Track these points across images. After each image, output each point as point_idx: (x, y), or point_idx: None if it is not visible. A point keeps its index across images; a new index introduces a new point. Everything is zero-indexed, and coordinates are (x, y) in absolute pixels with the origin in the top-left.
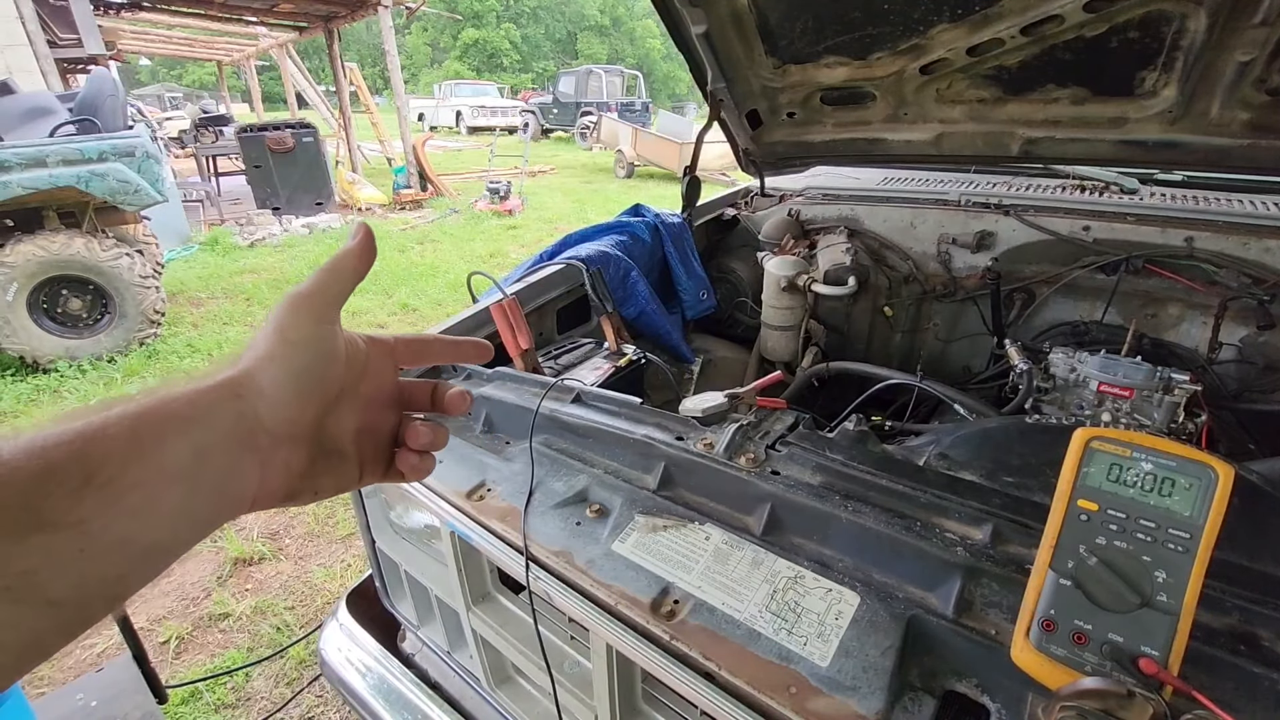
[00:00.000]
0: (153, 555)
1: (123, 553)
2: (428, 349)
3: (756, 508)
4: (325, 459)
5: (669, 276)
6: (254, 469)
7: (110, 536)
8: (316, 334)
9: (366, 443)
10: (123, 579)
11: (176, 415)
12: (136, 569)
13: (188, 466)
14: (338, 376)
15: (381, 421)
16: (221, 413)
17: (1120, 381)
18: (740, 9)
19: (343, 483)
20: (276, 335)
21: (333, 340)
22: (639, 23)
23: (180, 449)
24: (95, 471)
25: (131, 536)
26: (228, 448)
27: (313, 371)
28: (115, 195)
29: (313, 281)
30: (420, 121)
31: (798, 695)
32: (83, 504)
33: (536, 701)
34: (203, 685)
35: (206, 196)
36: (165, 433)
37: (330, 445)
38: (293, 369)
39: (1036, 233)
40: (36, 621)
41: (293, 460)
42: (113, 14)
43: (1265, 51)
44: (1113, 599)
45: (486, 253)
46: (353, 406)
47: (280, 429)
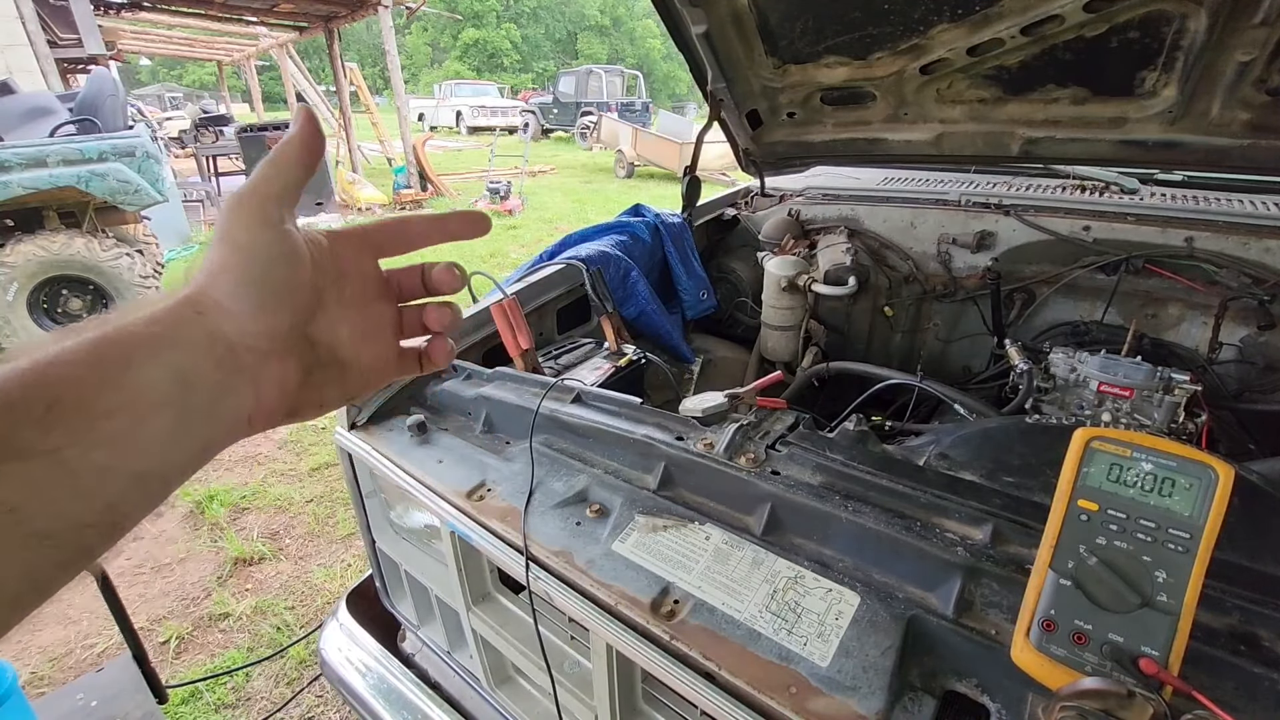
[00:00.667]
0: (146, 482)
1: (109, 480)
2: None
3: (756, 508)
4: (323, 369)
5: (669, 276)
6: (246, 387)
7: (89, 464)
8: (267, 237)
9: (368, 344)
10: (113, 507)
11: (139, 336)
12: (128, 496)
13: (169, 392)
14: (305, 280)
15: (378, 318)
16: (189, 332)
17: (1120, 381)
18: (740, 9)
19: (349, 389)
20: (223, 243)
21: (287, 240)
22: (639, 23)
23: (154, 373)
24: (57, 399)
25: (114, 464)
26: (209, 369)
27: (272, 277)
28: (115, 195)
29: (254, 179)
30: (420, 121)
31: (798, 695)
32: (51, 432)
33: (536, 701)
34: (203, 685)
35: (207, 196)
36: (131, 357)
37: (325, 355)
38: (248, 275)
39: (1036, 233)
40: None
41: (286, 374)
42: (113, 14)
43: (1265, 51)
44: (1113, 599)
45: (486, 253)
46: (340, 310)
47: (258, 343)
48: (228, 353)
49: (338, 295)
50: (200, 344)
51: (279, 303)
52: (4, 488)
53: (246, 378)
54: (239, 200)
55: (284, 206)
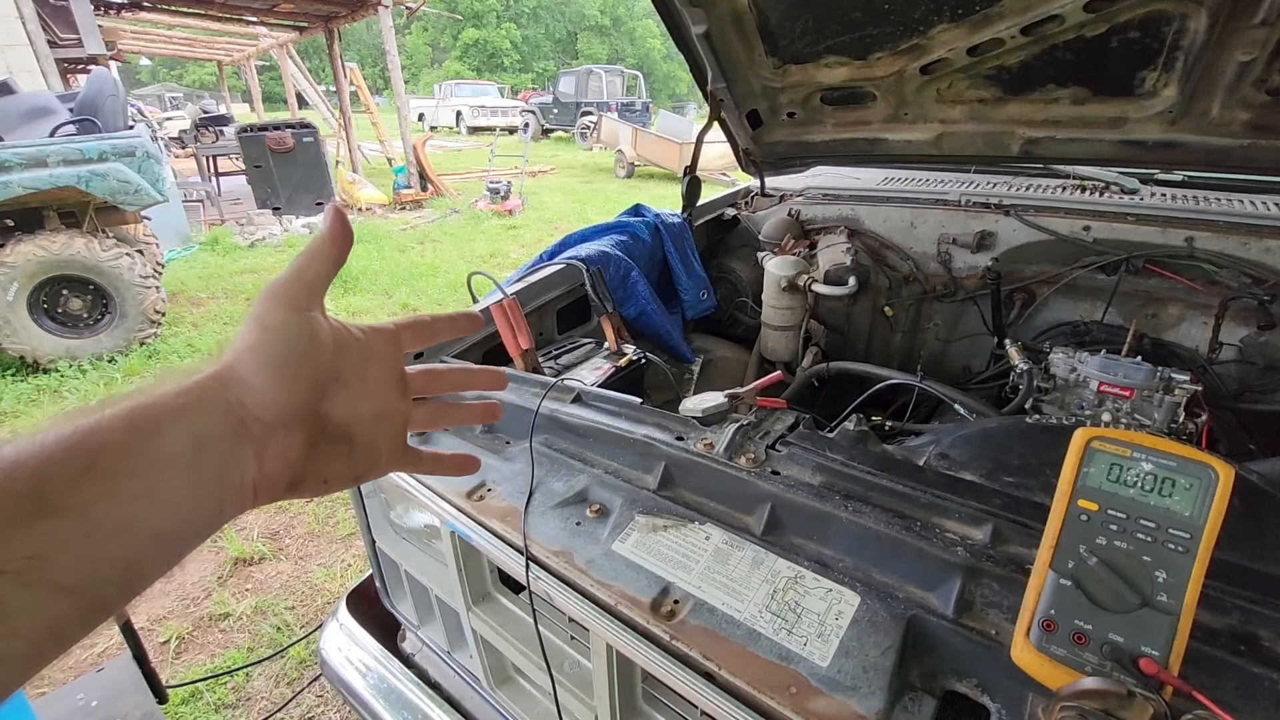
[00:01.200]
0: (162, 542)
1: (129, 538)
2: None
3: (756, 508)
4: (330, 444)
5: (669, 276)
6: (249, 455)
7: (114, 521)
8: (293, 320)
9: (382, 426)
10: (133, 564)
11: (169, 406)
12: (146, 555)
13: (186, 454)
14: (324, 362)
15: (393, 405)
16: (211, 402)
17: (1120, 381)
18: (740, 9)
19: (357, 469)
20: (254, 325)
21: (311, 325)
22: (639, 23)
23: (177, 438)
24: (94, 461)
25: (136, 522)
26: (222, 435)
27: (293, 357)
28: (115, 195)
29: (288, 270)
30: (420, 121)
31: (798, 695)
32: (83, 490)
33: (536, 701)
34: (203, 685)
35: (207, 196)
36: (160, 423)
37: (335, 431)
38: (272, 355)
39: (1037, 233)
40: (51, 607)
41: (289, 446)
42: (113, 14)
43: (1265, 51)
44: (1113, 599)
45: (487, 253)
46: (360, 392)
47: (268, 415)
48: (239, 422)
49: (360, 378)
50: (218, 412)
51: (294, 378)
52: (35, 540)
53: (252, 445)
54: (275, 287)
55: (313, 295)
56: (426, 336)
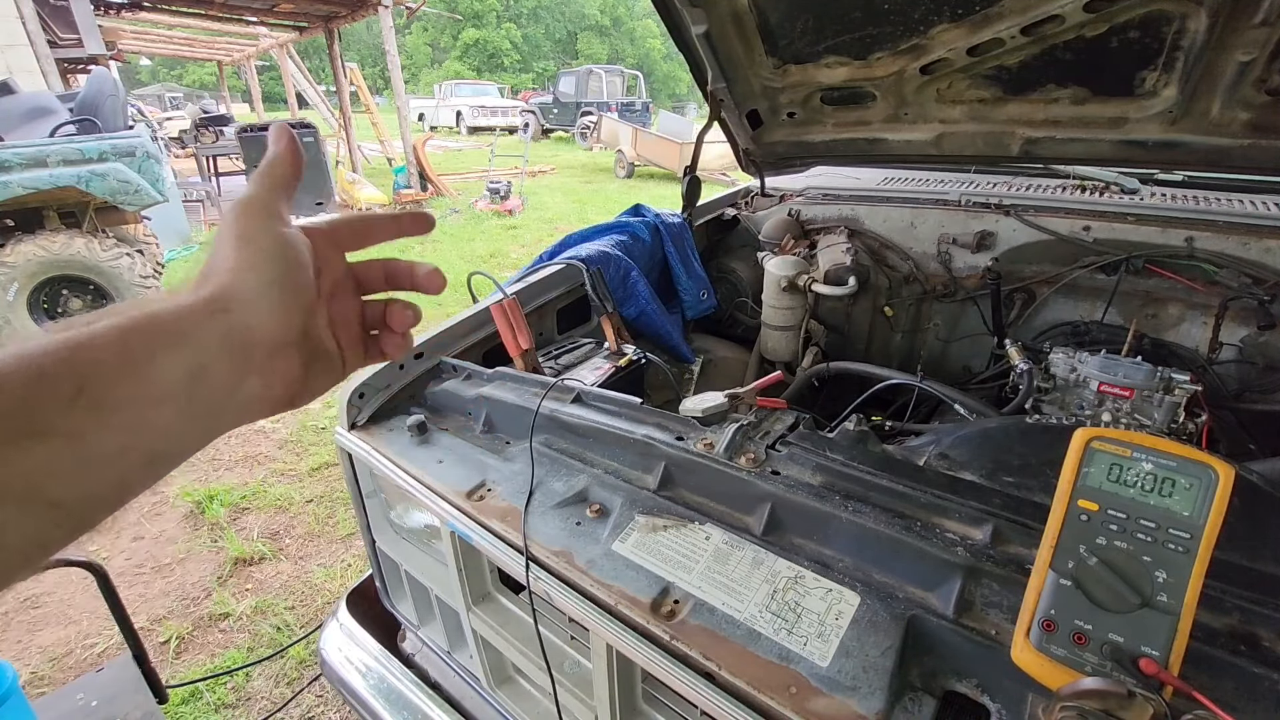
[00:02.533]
0: (155, 462)
1: (122, 461)
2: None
3: (756, 508)
4: (315, 360)
5: (669, 276)
6: (254, 382)
7: (107, 448)
8: (282, 239)
9: (341, 333)
10: (124, 482)
11: (165, 331)
12: (137, 474)
13: (181, 384)
14: (309, 276)
15: (348, 309)
16: (210, 330)
17: (1120, 381)
18: (740, 9)
19: (333, 376)
20: (242, 243)
21: (298, 243)
22: (639, 23)
23: (172, 367)
24: (85, 383)
25: (129, 446)
26: (220, 365)
27: (289, 278)
28: (116, 195)
29: (254, 184)
30: (420, 121)
31: (798, 695)
32: (73, 416)
33: (536, 701)
34: (203, 685)
35: (207, 196)
36: (155, 349)
37: (316, 344)
38: (272, 277)
39: (1037, 233)
40: (40, 522)
41: (292, 368)
42: (113, 14)
43: (1265, 51)
44: (1113, 599)
45: (487, 253)
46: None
47: (274, 337)
48: (241, 349)
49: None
50: (216, 341)
51: (296, 301)
52: (25, 460)
53: (256, 371)
54: (249, 203)
55: (285, 207)
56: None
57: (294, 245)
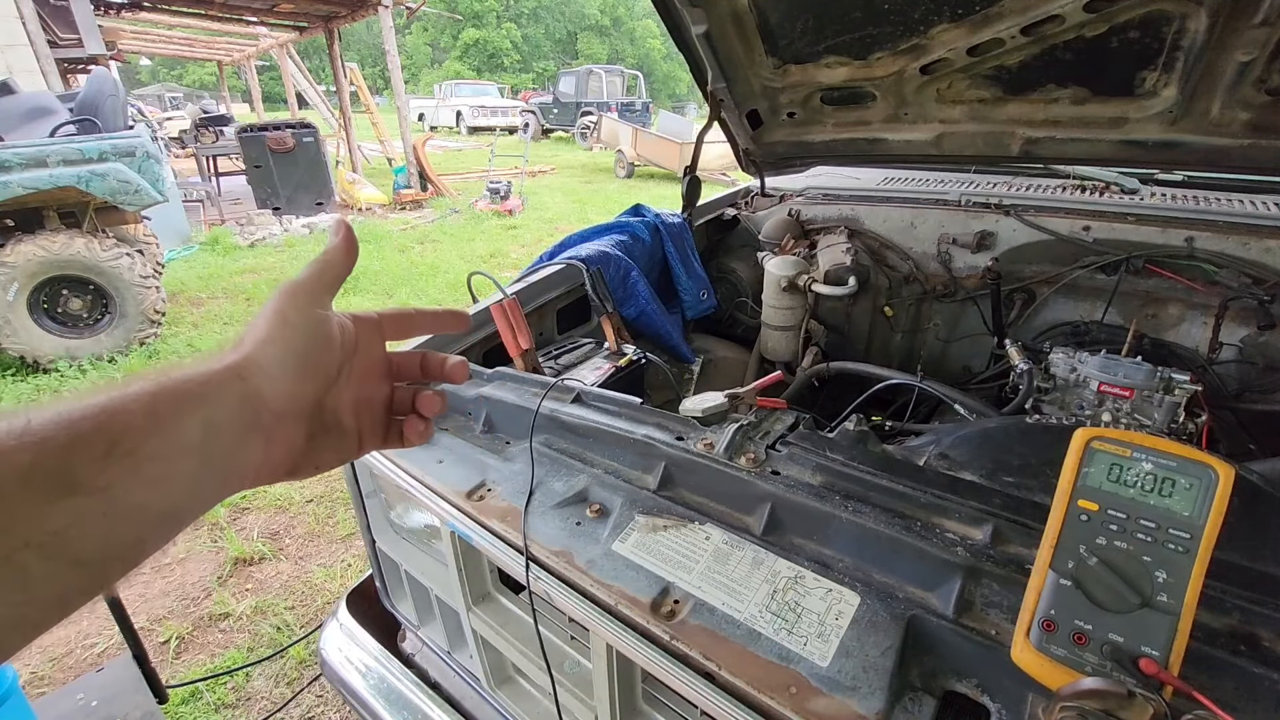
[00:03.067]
0: (166, 521)
1: (141, 518)
2: (412, 322)
3: (756, 508)
4: (325, 434)
5: (669, 276)
6: (258, 445)
7: (131, 502)
8: (313, 317)
9: (364, 414)
10: (140, 542)
11: (190, 394)
12: (151, 533)
13: (199, 441)
14: (334, 358)
15: (375, 393)
16: (229, 392)
17: (1121, 381)
18: (740, 9)
19: (344, 455)
20: (276, 318)
21: (328, 324)
22: (639, 23)
23: (192, 423)
24: (117, 441)
25: (149, 503)
26: (235, 425)
27: (311, 352)
28: (116, 195)
29: (307, 272)
30: (420, 121)
31: (798, 695)
32: (107, 471)
33: (536, 701)
34: (203, 685)
35: (207, 196)
36: (181, 409)
37: (330, 421)
38: (292, 350)
39: (1037, 233)
40: (64, 579)
41: (294, 436)
42: (113, 14)
43: (1265, 51)
44: (1113, 599)
45: (487, 253)
46: (348, 382)
47: (282, 406)
48: (252, 411)
49: (350, 368)
50: (233, 402)
51: (313, 375)
52: (60, 516)
53: (262, 435)
54: (296, 286)
55: (330, 295)
56: (405, 328)
57: (324, 328)
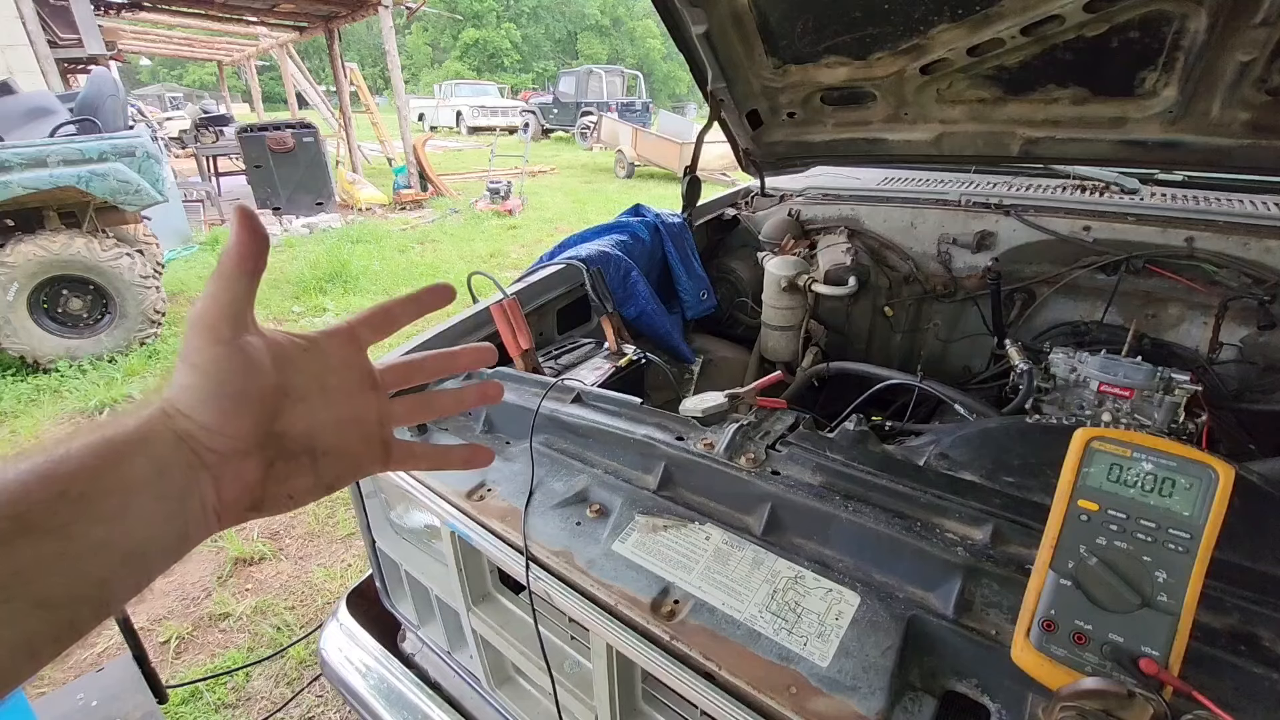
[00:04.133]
0: (132, 562)
1: (103, 557)
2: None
3: (757, 508)
4: (288, 462)
5: (669, 276)
6: (207, 483)
7: (89, 541)
8: (219, 354)
9: (351, 431)
10: (105, 583)
11: (130, 436)
12: (117, 575)
13: (150, 478)
14: (268, 385)
15: (362, 407)
16: (162, 431)
17: (1121, 382)
18: (740, 9)
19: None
20: (183, 364)
21: (243, 354)
22: (639, 23)
23: (142, 464)
24: (67, 486)
25: (109, 541)
26: (179, 463)
27: (228, 390)
28: (116, 195)
29: (204, 299)
30: (420, 121)
31: (798, 695)
32: (60, 511)
33: (536, 701)
34: (203, 685)
35: (207, 196)
36: (123, 452)
37: (293, 447)
38: (208, 392)
39: (1037, 233)
40: (29, 623)
41: (244, 472)
42: (113, 14)
43: (1266, 51)
44: (1113, 599)
45: (487, 253)
46: (321, 402)
47: (220, 446)
48: (192, 453)
49: (319, 387)
50: (171, 442)
51: (237, 410)
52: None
53: (209, 474)
54: (193, 322)
55: (236, 320)
56: (386, 324)
57: (235, 358)
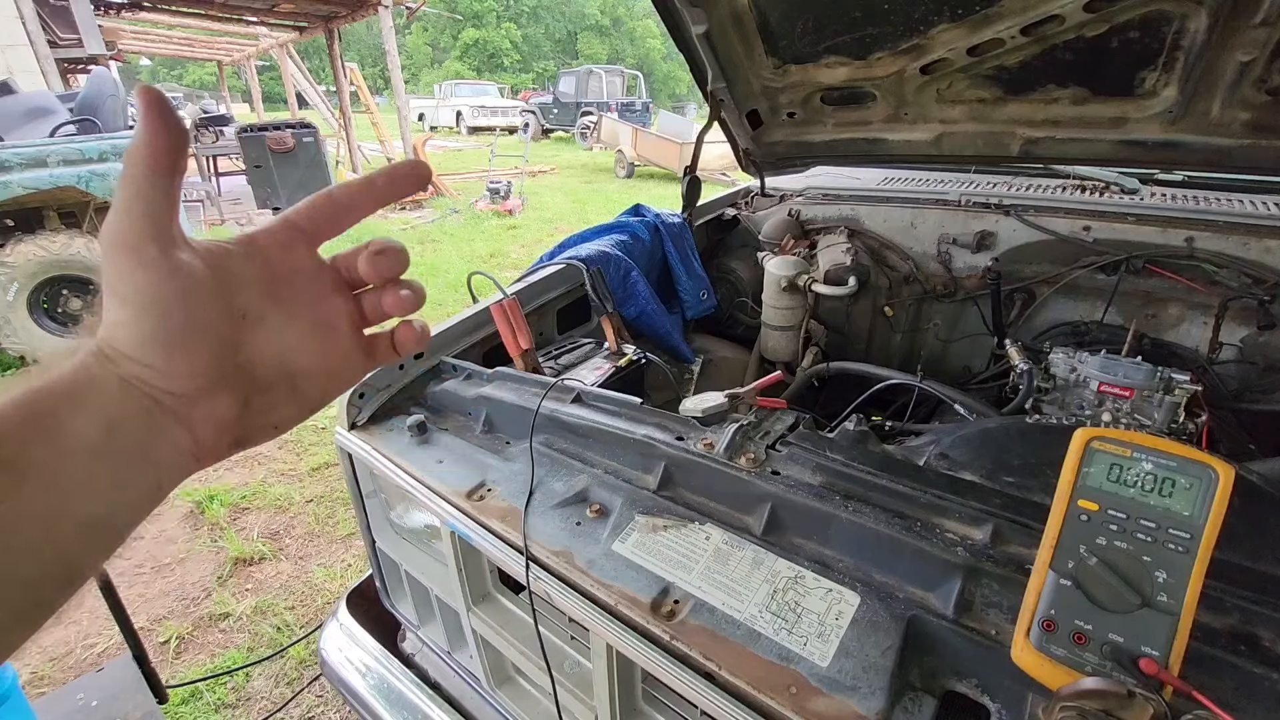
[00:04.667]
0: (94, 529)
1: (51, 530)
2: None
3: (757, 508)
4: (266, 392)
5: (669, 276)
6: (177, 429)
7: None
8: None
9: (323, 345)
10: (63, 556)
11: (64, 390)
12: (76, 545)
13: (96, 438)
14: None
15: (329, 314)
16: (104, 380)
17: (1121, 382)
18: (740, 9)
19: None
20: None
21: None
22: (639, 23)
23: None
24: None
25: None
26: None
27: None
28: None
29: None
30: (420, 121)
31: (798, 695)
32: None
33: (536, 701)
34: (203, 685)
35: (207, 196)
36: (58, 409)
37: (269, 373)
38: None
39: (1037, 233)
40: None
41: (218, 410)
42: (113, 14)
43: (1266, 51)
44: (1113, 599)
45: (487, 252)
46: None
47: (177, 386)
48: (147, 399)
49: (274, 302)
50: (115, 392)
51: (188, 345)
52: None
53: (174, 420)
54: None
55: (159, 238)
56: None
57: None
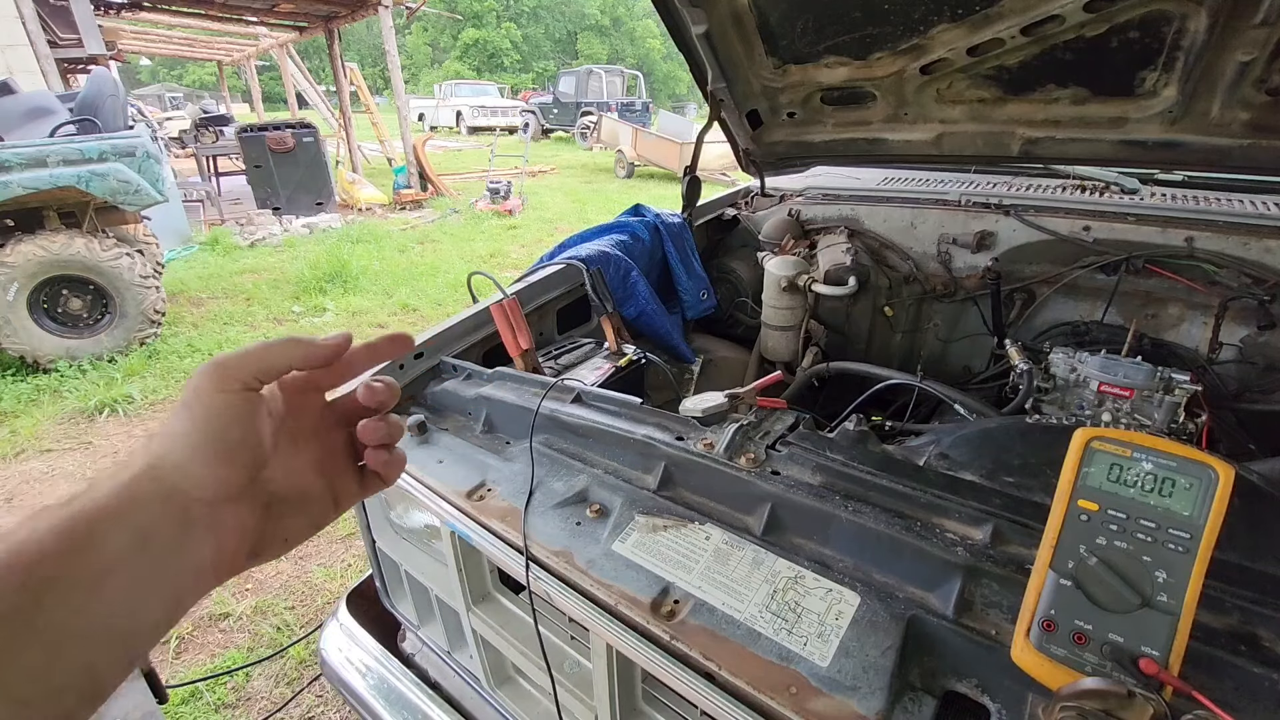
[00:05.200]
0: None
1: (82, 643)
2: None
3: (756, 508)
4: (282, 506)
5: (669, 276)
6: (203, 540)
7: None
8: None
9: (331, 469)
10: (91, 668)
11: (106, 510)
12: (104, 657)
13: (127, 553)
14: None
15: (332, 446)
16: (146, 496)
17: (1121, 381)
18: (740, 9)
19: (317, 518)
20: (183, 410)
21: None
22: (639, 23)
23: (115, 538)
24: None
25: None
26: (165, 527)
27: (227, 438)
28: (116, 195)
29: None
30: (420, 121)
31: (798, 695)
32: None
33: (536, 701)
34: (203, 685)
35: (207, 196)
36: (95, 530)
37: (285, 493)
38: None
39: (1037, 233)
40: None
41: (241, 518)
42: (113, 14)
43: (1266, 51)
44: (1113, 599)
45: (487, 253)
46: (295, 445)
47: (209, 494)
48: (181, 509)
49: (291, 434)
50: (156, 506)
51: (231, 458)
52: None
53: (202, 528)
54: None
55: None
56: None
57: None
